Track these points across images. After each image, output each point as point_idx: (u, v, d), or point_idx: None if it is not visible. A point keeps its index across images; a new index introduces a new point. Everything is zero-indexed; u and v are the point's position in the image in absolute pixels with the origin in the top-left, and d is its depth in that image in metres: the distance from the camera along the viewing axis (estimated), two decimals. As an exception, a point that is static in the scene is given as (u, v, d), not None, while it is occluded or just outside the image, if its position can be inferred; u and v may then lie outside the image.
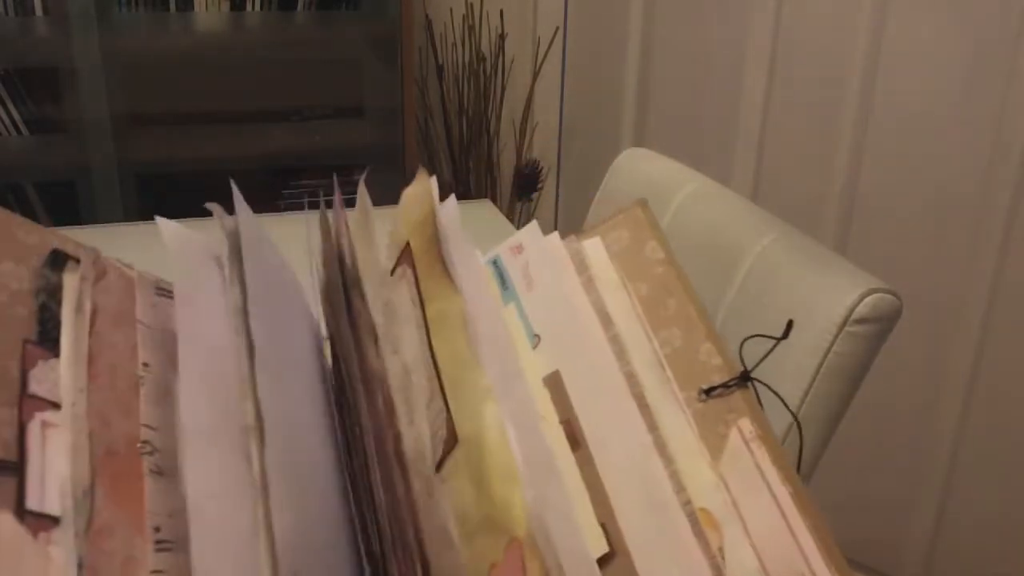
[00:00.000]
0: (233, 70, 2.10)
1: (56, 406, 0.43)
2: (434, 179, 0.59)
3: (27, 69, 1.97)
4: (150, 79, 2.05)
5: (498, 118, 2.18)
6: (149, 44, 1.98)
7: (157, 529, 0.41)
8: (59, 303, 0.47)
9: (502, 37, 2.15)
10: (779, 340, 0.50)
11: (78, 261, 0.50)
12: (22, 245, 0.49)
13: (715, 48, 1.85)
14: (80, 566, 0.38)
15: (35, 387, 0.43)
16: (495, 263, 0.58)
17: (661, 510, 0.44)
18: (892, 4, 1.59)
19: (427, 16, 2.14)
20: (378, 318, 0.52)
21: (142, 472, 0.42)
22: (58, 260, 0.50)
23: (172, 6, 1.96)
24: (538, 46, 2.15)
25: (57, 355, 0.45)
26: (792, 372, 0.86)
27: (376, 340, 0.50)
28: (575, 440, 0.48)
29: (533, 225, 0.58)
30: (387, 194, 0.82)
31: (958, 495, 1.69)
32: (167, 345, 0.48)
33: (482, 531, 0.43)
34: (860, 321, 0.83)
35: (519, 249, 0.57)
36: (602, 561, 0.44)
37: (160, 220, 0.53)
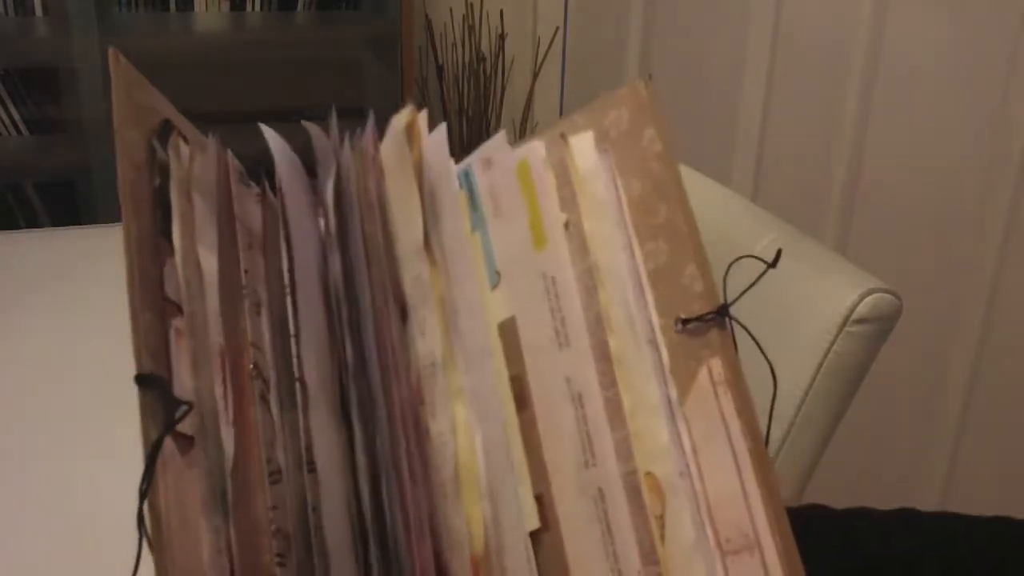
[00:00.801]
0: (233, 70, 2.10)
1: (181, 311, 0.41)
2: (424, 113, 0.52)
3: (27, 69, 1.97)
4: (150, 79, 2.05)
5: (498, 118, 2.18)
6: (149, 44, 1.98)
7: (269, 460, 0.40)
8: (168, 186, 0.44)
9: (502, 37, 2.15)
10: (767, 268, 0.48)
11: (184, 139, 0.46)
12: (138, 107, 0.45)
13: (715, 48, 1.85)
14: (215, 489, 0.38)
15: (168, 288, 0.42)
16: (467, 176, 0.51)
17: (592, 481, 0.42)
18: (892, 4, 1.59)
19: (427, 16, 2.14)
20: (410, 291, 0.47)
21: (254, 397, 0.41)
22: (166, 131, 0.46)
23: (172, 6, 1.96)
24: (538, 46, 2.15)
25: (173, 250, 0.42)
26: (792, 372, 0.86)
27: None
28: (522, 400, 0.45)
29: (500, 137, 0.51)
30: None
31: (958, 495, 1.69)
32: (260, 249, 0.45)
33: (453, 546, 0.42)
34: (860, 321, 0.83)
35: (488, 163, 0.51)
36: (535, 535, 0.43)
37: (264, 127, 0.49)
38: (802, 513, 0.54)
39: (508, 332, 0.47)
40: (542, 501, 0.43)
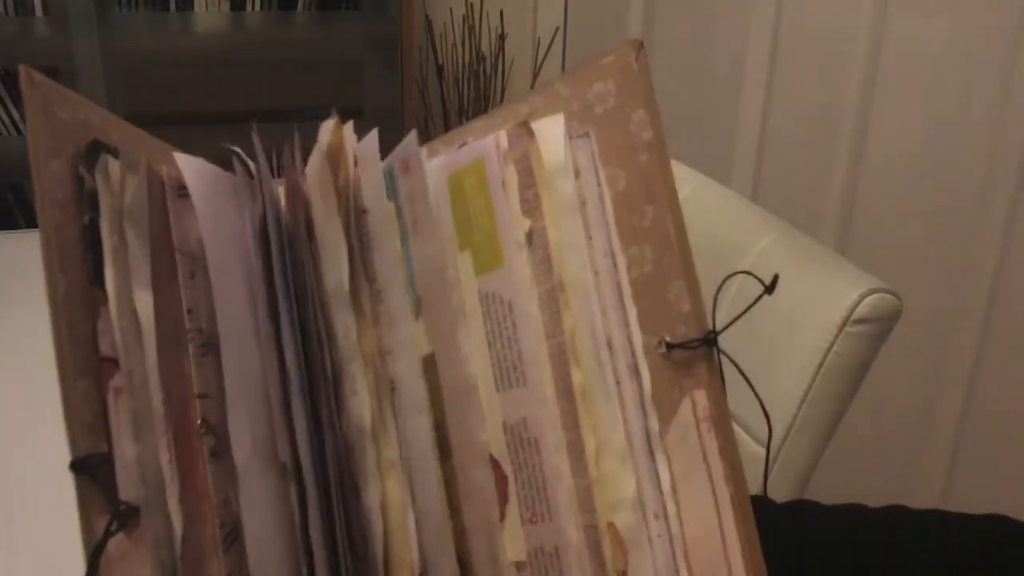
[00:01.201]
0: (233, 70, 2.10)
1: (119, 365, 0.37)
2: (349, 127, 0.44)
3: (27, 69, 1.97)
4: (150, 79, 2.05)
5: (498, 118, 2.18)
6: (149, 44, 1.98)
7: (223, 523, 0.37)
8: (98, 219, 0.38)
9: (502, 37, 2.15)
10: (762, 294, 0.41)
11: (117, 154, 0.39)
12: (61, 129, 0.38)
13: (715, 48, 1.85)
14: (164, 566, 0.35)
15: (103, 344, 0.37)
16: (391, 179, 0.43)
17: (542, 538, 0.38)
18: (892, 4, 1.59)
19: (427, 16, 2.14)
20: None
21: (204, 455, 0.37)
22: (95, 152, 0.39)
23: (172, 6, 1.96)
24: (538, 46, 2.15)
25: (106, 298, 0.37)
26: (792, 372, 0.86)
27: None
28: (444, 450, 0.39)
29: (412, 138, 0.43)
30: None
31: (958, 495, 1.69)
32: (205, 274, 0.39)
33: None
34: (860, 321, 0.83)
35: (405, 168, 0.42)
36: None
37: (178, 156, 0.41)
38: (793, 507, 0.53)
39: (429, 370, 0.40)
40: (467, 566, 0.38)
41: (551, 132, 0.41)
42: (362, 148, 0.43)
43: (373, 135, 0.42)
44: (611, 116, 0.41)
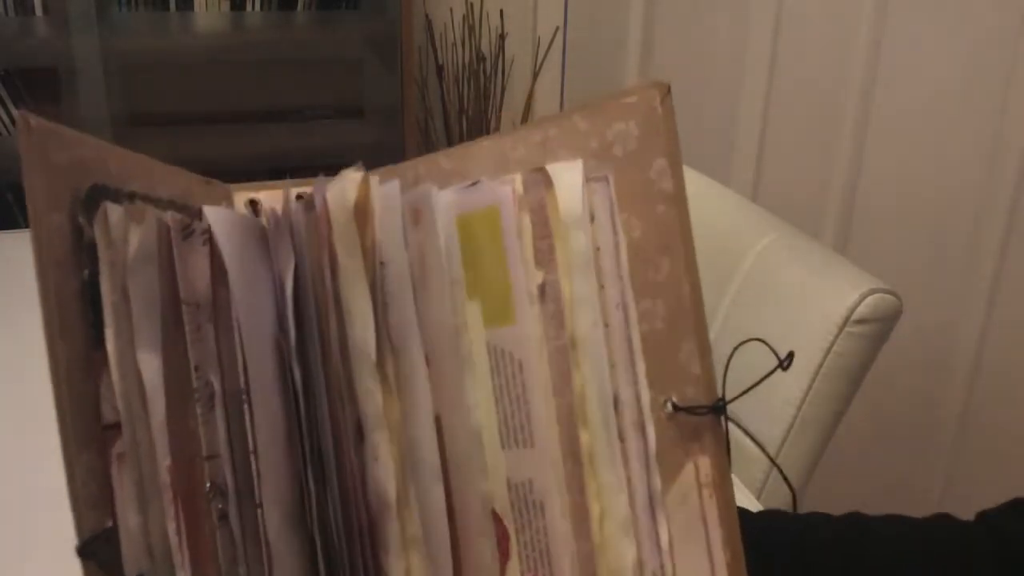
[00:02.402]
0: (233, 70, 2.10)
1: (120, 429, 0.35)
2: (375, 180, 0.40)
3: (27, 69, 1.97)
4: (150, 79, 2.05)
5: (498, 118, 2.18)
6: (149, 44, 1.98)
7: None
8: (98, 274, 0.36)
9: (502, 37, 2.14)
10: (776, 367, 0.40)
11: (119, 199, 0.37)
12: (59, 175, 0.35)
13: (715, 48, 1.85)
14: None
15: (105, 409, 0.35)
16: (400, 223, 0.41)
17: None
18: (892, 4, 1.59)
19: (427, 16, 2.14)
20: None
21: (212, 521, 0.36)
22: (94, 200, 0.36)
23: (172, 6, 1.96)
24: (538, 46, 2.15)
25: (107, 361, 0.35)
26: (792, 372, 0.86)
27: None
28: (449, 507, 0.38)
29: (425, 189, 0.39)
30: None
31: (957, 495, 1.69)
32: (210, 318, 0.38)
33: None
34: (860, 321, 0.83)
35: (416, 216, 0.40)
36: None
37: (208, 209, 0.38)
38: (802, 518, 0.53)
39: (437, 430, 0.39)
40: None
41: (569, 179, 0.39)
42: (382, 198, 0.40)
43: (394, 185, 0.40)
44: (631, 160, 0.39)
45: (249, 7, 2.01)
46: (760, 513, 0.55)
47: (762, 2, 1.75)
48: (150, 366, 0.35)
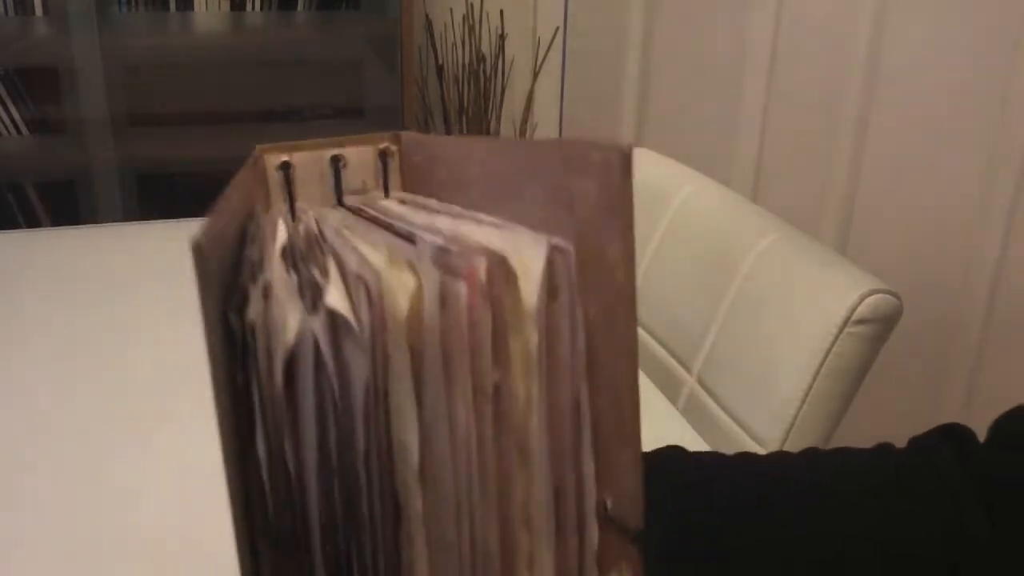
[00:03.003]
0: (233, 70, 2.10)
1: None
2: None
3: (27, 69, 1.97)
4: (150, 79, 2.05)
5: (498, 118, 2.18)
6: (149, 44, 1.98)
7: None
8: (250, 380, 0.32)
9: (502, 37, 2.14)
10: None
11: (267, 292, 0.32)
12: (213, 272, 0.31)
13: (715, 48, 1.85)
14: None
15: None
16: None
17: None
18: (892, 3, 1.59)
19: (427, 16, 2.14)
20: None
21: None
22: (240, 286, 0.33)
23: (172, 6, 1.96)
24: (538, 46, 2.15)
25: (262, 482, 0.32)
26: (792, 372, 0.86)
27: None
28: None
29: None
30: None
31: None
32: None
33: None
34: (860, 322, 0.83)
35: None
36: None
37: None
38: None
39: None
40: None
41: (532, 268, 0.34)
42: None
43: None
44: (589, 224, 0.35)
45: (249, 7, 2.01)
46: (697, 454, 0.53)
47: (762, 2, 1.75)
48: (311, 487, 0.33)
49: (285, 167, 0.42)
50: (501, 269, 0.34)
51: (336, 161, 0.44)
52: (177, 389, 0.91)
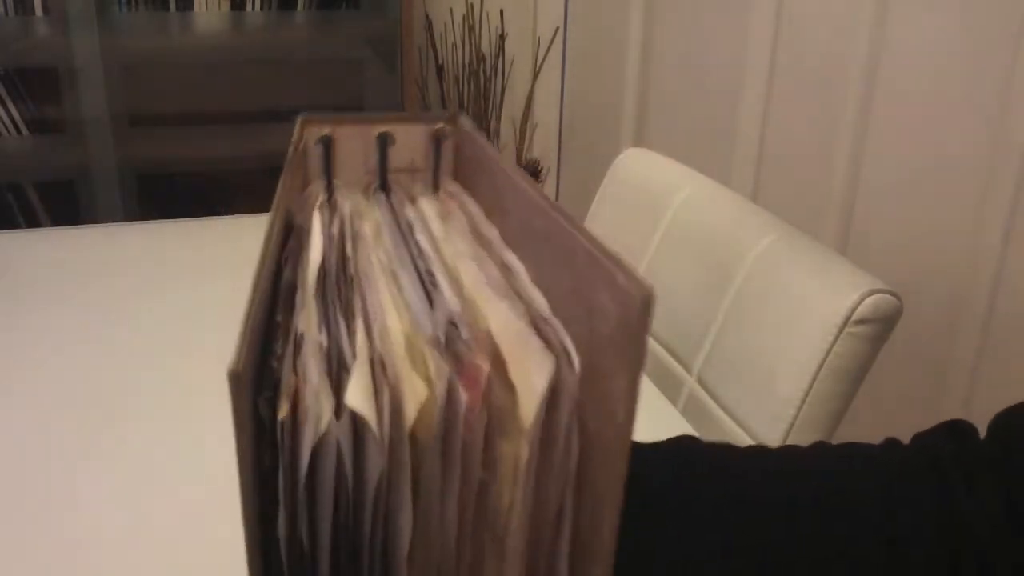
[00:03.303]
0: (233, 70, 2.10)
1: None
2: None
3: (27, 69, 1.97)
4: (150, 79, 2.05)
5: (498, 118, 2.18)
6: (149, 44, 1.98)
7: None
8: (277, 467, 0.32)
9: (502, 37, 2.14)
10: None
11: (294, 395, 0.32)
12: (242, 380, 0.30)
13: (715, 48, 1.85)
14: None
15: None
16: None
17: None
18: (893, 4, 1.59)
19: (427, 16, 2.14)
20: None
21: None
22: (270, 375, 0.33)
23: (172, 6, 1.96)
24: (538, 46, 2.15)
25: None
26: (792, 372, 0.86)
27: None
28: None
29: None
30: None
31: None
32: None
33: None
34: (860, 322, 0.83)
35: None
36: None
37: None
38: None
39: None
40: None
41: (535, 385, 0.33)
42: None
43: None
44: (601, 344, 0.32)
45: (249, 7, 2.01)
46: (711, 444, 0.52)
47: (762, 2, 1.75)
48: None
49: (326, 141, 0.41)
50: (502, 380, 0.33)
51: (384, 139, 0.42)
52: (178, 389, 0.92)
